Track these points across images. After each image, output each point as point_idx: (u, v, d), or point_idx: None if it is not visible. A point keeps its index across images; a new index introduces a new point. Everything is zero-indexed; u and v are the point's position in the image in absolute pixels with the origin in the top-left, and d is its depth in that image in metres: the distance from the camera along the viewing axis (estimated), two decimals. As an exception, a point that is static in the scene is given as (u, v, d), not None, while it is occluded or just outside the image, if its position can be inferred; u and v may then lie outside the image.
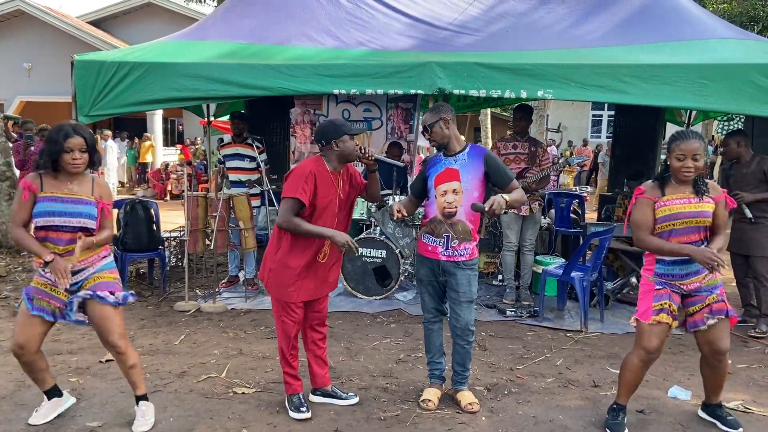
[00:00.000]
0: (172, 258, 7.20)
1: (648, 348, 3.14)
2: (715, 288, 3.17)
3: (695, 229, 3.09)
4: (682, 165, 3.05)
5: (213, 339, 4.70)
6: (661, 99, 4.87)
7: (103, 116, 5.45)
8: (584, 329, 5.02)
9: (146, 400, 3.31)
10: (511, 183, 3.43)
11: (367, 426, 3.31)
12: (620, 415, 3.30)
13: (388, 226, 5.88)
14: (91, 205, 3.09)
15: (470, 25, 5.80)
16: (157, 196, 15.22)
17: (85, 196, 3.08)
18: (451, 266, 3.43)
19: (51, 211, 3.01)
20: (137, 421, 3.22)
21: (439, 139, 3.44)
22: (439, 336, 3.65)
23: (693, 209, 3.07)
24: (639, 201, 3.19)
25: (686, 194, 3.10)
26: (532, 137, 5.80)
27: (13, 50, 16.44)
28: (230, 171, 6.20)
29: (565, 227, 7.11)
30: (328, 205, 3.31)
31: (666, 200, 3.11)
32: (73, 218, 3.04)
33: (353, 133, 3.35)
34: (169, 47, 5.72)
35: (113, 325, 3.13)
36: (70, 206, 3.04)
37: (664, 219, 3.10)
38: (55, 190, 3.04)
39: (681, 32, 5.38)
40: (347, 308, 5.50)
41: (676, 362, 4.36)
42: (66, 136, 2.99)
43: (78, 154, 3.02)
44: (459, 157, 3.44)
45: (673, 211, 3.08)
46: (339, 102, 7.23)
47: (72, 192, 3.07)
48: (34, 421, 3.22)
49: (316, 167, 3.29)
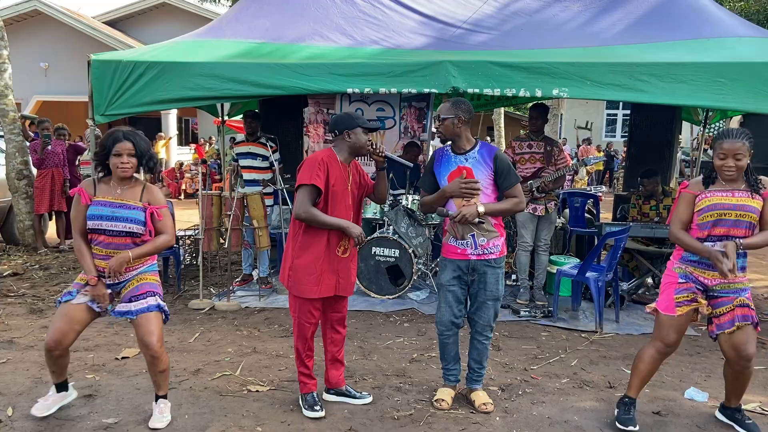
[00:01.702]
0: (186, 256, 7.24)
1: (667, 341, 3.13)
2: (742, 291, 3.11)
3: (737, 224, 3.04)
4: (723, 164, 3.04)
5: (227, 337, 4.72)
6: (678, 98, 4.83)
7: (119, 115, 5.48)
8: (599, 330, 4.98)
9: (165, 399, 3.34)
10: (510, 189, 3.37)
11: (381, 425, 3.31)
12: (632, 409, 3.29)
13: (401, 226, 5.87)
14: (138, 210, 3.15)
15: (484, 23, 5.78)
16: (171, 195, 15.32)
17: (132, 202, 3.15)
18: (482, 265, 3.40)
19: (99, 215, 3.10)
20: (154, 417, 3.25)
21: (447, 132, 3.41)
22: (454, 346, 3.60)
23: (735, 202, 3.03)
24: (681, 195, 3.21)
25: (731, 189, 3.08)
26: (547, 136, 5.76)
27: (30, 50, 16.61)
28: (243, 170, 6.22)
29: (580, 227, 7.07)
30: (340, 195, 3.31)
31: (708, 192, 3.11)
32: (119, 222, 3.11)
33: (367, 126, 3.36)
34: (183, 47, 5.76)
35: (153, 327, 3.17)
36: (118, 210, 3.12)
37: (705, 210, 3.07)
38: (105, 195, 3.14)
39: (698, 30, 5.33)
40: (360, 307, 5.50)
41: (693, 363, 4.32)
42: (115, 140, 3.09)
43: (126, 158, 3.10)
44: (470, 155, 3.41)
45: (713, 201, 3.06)
46: (352, 101, 7.23)
47: (120, 197, 3.15)
48: (36, 412, 3.24)
49: (328, 157, 3.30)
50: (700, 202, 3.11)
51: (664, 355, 3.19)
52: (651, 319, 5.30)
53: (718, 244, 3.03)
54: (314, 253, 3.29)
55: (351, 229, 3.26)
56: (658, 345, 3.17)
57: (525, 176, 5.56)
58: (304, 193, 3.21)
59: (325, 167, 3.24)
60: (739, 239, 3.01)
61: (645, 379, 3.28)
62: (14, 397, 3.55)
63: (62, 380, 3.34)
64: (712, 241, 3.07)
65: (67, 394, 3.39)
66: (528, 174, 5.59)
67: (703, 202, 3.09)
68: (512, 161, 5.61)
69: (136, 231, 3.14)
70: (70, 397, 3.41)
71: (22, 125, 8.12)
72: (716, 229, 3.07)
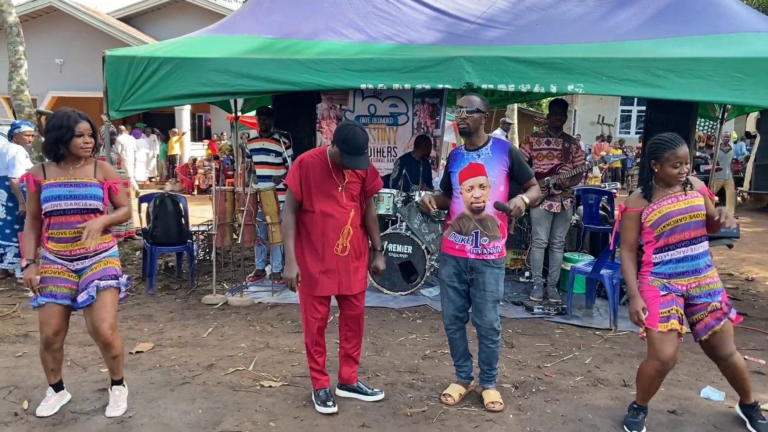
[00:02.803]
0: (200, 251, 7.27)
1: (662, 357, 3.03)
2: (715, 294, 3.10)
3: (694, 225, 3.06)
4: (678, 171, 3.03)
5: (240, 332, 4.73)
6: (695, 93, 4.76)
7: (133, 111, 5.51)
8: (613, 328, 4.94)
9: (121, 385, 3.39)
10: (529, 180, 3.41)
11: (394, 421, 3.30)
12: (640, 414, 3.25)
13: (414, 222, 5.85)
14: (95, 186, 3.17)
15: (498, 19, 5.74)
16: (184, 190, 15.41)
17: (87, 179, 3.17)
18: (480, 264, 3.37)
19: (57, 196, 3.10)
20: (110, 406, 3.31)
21: (473, 125, 3.35)
22: (462, 341, 3.59)
23: (684, 205, 3.05)
24: (624, 215, 3.19)
25: (673, 194, 3.09)
26: (565, 133, 5.72)
27: (46, 46, 16.73)
28: (257, 165, 6.24)
29: (594, 224, 7.01)
30: (327, 194, 3.27)
31: (654, 204, 3.09)
32: (79, 200, 3.12)
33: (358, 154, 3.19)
34: (197, 42, 5.77)
35: (106, 313, 3.17)
36: (75, 189, 3.12)
37: (659, 221, 3.06)
38: (57, 177, 3.14)
39: (715, 25, 5.25)
40: (373, 303, 5.49)
41: (709, 362, 4.24)
42: (76, 121, 3.10)
43: (88, 138, 3.13)
44: (482, 151, 3.38)
45: (664, 211, 3.06)
46: (365, 97, 7.23)
47: (75, 176, 3.15)
48: (43, 412, 3.26)
49: (314, 156, 3.30)
50: (649, 216, 3.09)
51: (663, 372, 3.10)
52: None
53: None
54: (310, 252, 3.32)
55: (287, 272, 3.25)
56: (655, 364, 3.07)
57: (542, 172, 5.52)
58: (287, 197, 3.32)
59: (303, 168, 3.26)
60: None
61: (649, 393, 3.23)
62: (30, 391, 3.58)
63: (58, 380, 3.36)
64: (671, 250, 3.07)
65: (64, 393, 3.40)
66: (545, 170, 5.55)
67: (653, 215, 3.08)
68: (529, 157, 5.58)
69: (99, 207, 3.16)
70: (67, 397, 3.41)
71: (37, 120, 8.19)
72: (673, 237, 3.06)
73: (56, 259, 3.17)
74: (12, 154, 5.78)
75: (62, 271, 3.17)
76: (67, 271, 3.18)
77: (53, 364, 3.28)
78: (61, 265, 3.17)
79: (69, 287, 3.17)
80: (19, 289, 5.81)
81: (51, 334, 3.15)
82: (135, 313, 5.21)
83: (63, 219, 3.11)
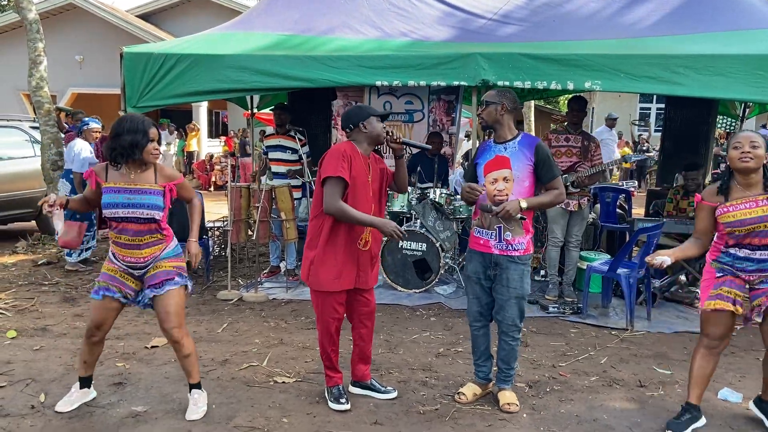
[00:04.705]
0: (215, 247, 7.32)
1: (709, 334, 3.07)
2: None
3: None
4: (740, 152, 2.90)
5: (254, 328, 4.75)
6: (715, 90, 4.70)
7: (151, 107, 5.55)
8: (630, 327, 4.89)
9: (199, 389, 3.35)
10: (551, 181, 3.33)
11: (407, 419, 3.30)
12: (685, 415, 3.19)
13: (428, 219, 5.84)
14: (156, 195, 3.11)
15: (514, 15, 5.70)
16: (201, 186, 15.50)
17: (148, 185, 3.11)
18: (505, 260, 3.33)
19: (114, 203, 3.06)
20: (190, 409, 3.28)
21: (488, 118, 3.35)
22: (485, 340, 3.57)
23: (763, 213, 2.90)
24: (698, 206, 3.14)
25: (753, 197, 2.94)
26: (585, 131, 5.66)
27: (65, 43, 16.90)
28: (272, 162, 6.26)
29: (611, 223, 6.94)
30: (361, 188, 3.26)
31: (730, 205, 2.98)
32: (136, 209, 3.07)
33: (379, 114, 3.32)
34: (214, 39, 5.79)
35: (170, 314, 3.18)
36: (133, 197, 3.07)
37: (732, 225, 2.97)
38: (118, 182, 3.09)
39: (736, 21, 5.17)
40: (386, 301, 5.48)
41: (727, 364, 4.21)
42: (149, 126, 3.06)
43: (157, 144, 3.11)
44: (509, 144, 3.35)
45: (738, 217, 2.94)
46: (381, 94, 7.21)
47: (135, 182, 3.10)
48: (62, 407, 3.27)
49: (349, 149, 3.26)
50: (722, 215, 3.00)
51: (711, 350, 3.11)
52: (684, 317, 5.20)
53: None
54: (337, 247, 3.27)
55: (384, 228, 3.20)
56: (703, 340, 3.12)
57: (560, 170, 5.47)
58: (332, 187, 3.16)
59: (348, 159, 3.20)
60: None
61: (700, 381, 3.17)
62: (47, 384, 3.62)
63: (89, 374, 3.36)
64: (741, 249, 3.02)
65: (88, 392, 3.40)
66: (563, 168, 5.49)
67: (726, 217, 2.98)
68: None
69: (157, 217, 3.12)
70: (91, 396, 3.41)
71: (57, 117, 8.27)
72: (746, 239, 2.99)
73: (114, 260, 3.19)
74: (78, 149, 6.23)
75: (116, 270, 3.19)
76: (120, 272, 3.19)
77: (88, 356, 3.29)
78: (117, 265, 3.19)
79: (118, 287, 3.17)
80: (36, 283, 5.88)
81: (93, 325, 3.19)
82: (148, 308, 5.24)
83: (121, 225, 3.10)
